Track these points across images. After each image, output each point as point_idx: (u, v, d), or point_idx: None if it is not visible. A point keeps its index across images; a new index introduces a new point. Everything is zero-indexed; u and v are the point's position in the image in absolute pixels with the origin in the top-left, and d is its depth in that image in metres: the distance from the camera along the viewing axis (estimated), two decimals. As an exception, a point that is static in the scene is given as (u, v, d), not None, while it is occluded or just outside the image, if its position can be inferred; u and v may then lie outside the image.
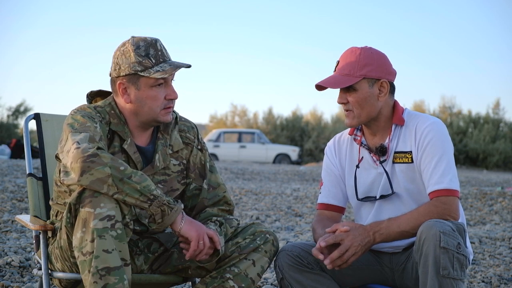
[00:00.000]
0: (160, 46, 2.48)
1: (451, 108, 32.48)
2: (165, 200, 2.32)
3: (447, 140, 2.54)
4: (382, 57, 2.57)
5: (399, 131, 2.60)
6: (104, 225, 2.23)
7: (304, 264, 2.57)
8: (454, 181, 2.49)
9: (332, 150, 2.75)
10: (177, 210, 2.35)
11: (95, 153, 2.25)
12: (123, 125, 2.52)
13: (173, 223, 2.36)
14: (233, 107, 34.25)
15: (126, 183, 2.26)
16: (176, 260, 2.59)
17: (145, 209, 2.30)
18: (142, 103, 2.48)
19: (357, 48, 2.58)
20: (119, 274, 2.24)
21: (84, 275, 2.25)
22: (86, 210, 2.24)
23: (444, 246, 2.30)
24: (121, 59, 2.47)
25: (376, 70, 2.55)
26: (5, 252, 4.39)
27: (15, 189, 8.04)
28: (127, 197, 2.27)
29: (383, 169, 2.60)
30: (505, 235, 6.00)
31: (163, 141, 2.59)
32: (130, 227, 2.33)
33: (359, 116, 2.56)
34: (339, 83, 2.53)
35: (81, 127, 2.37)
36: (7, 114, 30.52)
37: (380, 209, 2.62)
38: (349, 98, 2.55)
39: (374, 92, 2.55)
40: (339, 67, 2.57)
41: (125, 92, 2.49)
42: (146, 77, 2.45)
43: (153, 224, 2.35)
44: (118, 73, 2.48)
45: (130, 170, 2.28)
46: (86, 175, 2.23)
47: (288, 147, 24.54)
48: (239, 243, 2.54)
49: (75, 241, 2.27)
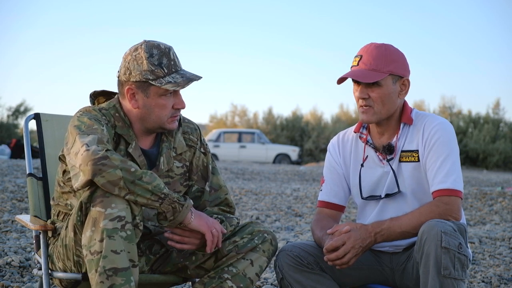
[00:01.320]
0: (173, 55, 2.47)
1: (451, 108, 32.50)
2: (175, 197, 2.33)
3: (454, 141, 2.54)
4: (404, 56, 2.59)
5: (407, 130, 2.60)
6: (114, 225, 2.23)
7: (304, 264, 2.57)
8: (458, 182, 2.48)
9: (336, 148, 2.74)
10: (188, 207, 2.36)
11: (105, 155, 2.25)
12: (128, 128, 2.52)
13: (184, 219, 2.37)
14: (233, 107, 34.27)
15: (138, 185, 2.26)
16: (174, 259, 2.59)
17: (156, 207, 2.31)
18: (150, 110, 2.48)
19: (381, 44, 2.57)
20: (126, 276, 2.24)
21: (91, 274, 2.25)
22: (97, 210, 2.25)
23: (445, 246, 2.30)
24: (132, 65, 2.45)
25: (401, 68, 2.55)
26: (5, 252, 4.39)
27: (15, 189, 8.04)
28: (139, 198, 2.27)
29: (389, 168, 2.59)
30: (505, 235, 6.00)
31: (167, 144, 2.59)
32: (140, 228, 2.33)
33: (380, 112, 2.55)
34: (366, 77, 2.50)
35: (88, 129, 2.37)
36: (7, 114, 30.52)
37: (383, 208, 2.62)
38: (372, 94, 2.53)
39: (396, 90, 2.55)
40: (364, 61, 2.54)
41: (133, 97, 2.48)
42: (157, 86, 2.44)
43: (164, 222, 2.36)
44: (128, 78, 2.46)
45: (141, 171, 2.28)
46: (97, 178, 2.23)
47: (288, 147, 24.54)
48: (237, 242, 2.54)
49: (84, 239, 2.27)
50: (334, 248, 2.44)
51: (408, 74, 2.58)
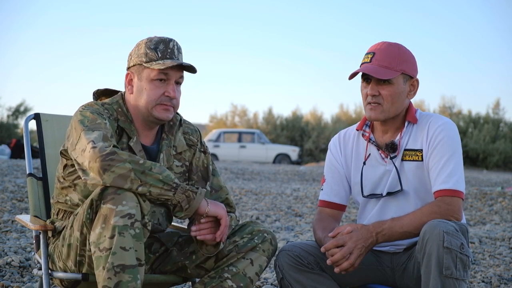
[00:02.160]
0: (173, 45, 2.49)
1: (451, 108, 32.49)
2: (187, 186, 2.34)
3: (458, 141, 2.54)
4: (414, 57, 2.61)
5: (411, 129, 2.61)
6: (125, 222, 2.23)
7: (304, 264, 2.56)
8: (461, 183, 2.49)
9: (337, 146, 2.74)
10: (202, 193, 2.37)
11: (113, 151, 2.27)
12: (129, 123, 2.53)
13: (200, 207, 2.37)
14: (233, 107, 34.27)
15: (148, 175, 2.27)
16: (175, 257, 2.59)
17: (170, 198, 2.31)
18: (141, 94, 2.49)
19: (394, 43, 2.59)
20: (133, 273, 2.23)
21: (98, 271, 2.25)
22: (108, 207, 2.24)
23: (447, 246, 2.29)
24: (134, 51, 2.52)
25: (412, 68, 2.58)
26: (5, 252, 4.39)
27: (15, 189, 8.04)
28: (152, 188, 2.28)
29: (392, 166, 2.59)
30: (505, 235, 6.00)
31: (167, 142, 2.59)
32: (148, 228, 2.33)
33: (388, 110, 2.56)
34: (380, 73, 2.51)
35: (92, 124, 2.38)
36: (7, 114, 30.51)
37: (384, 206, 2.62)
38: (382, 92, 2.54)
39: (406, 89, 2.57)
40: (377, 58, 2.54)
41: (130, 83, 2.52)
42: (148, 68, 2.46)
43: (180, 213, 2.35)
44: (129, 64, 2.52)
45: (149, 163, 2.29)
46: (107, 173, 2.24)
47: (288, 147, 24.54)
48: (237, 242, 2.54)
49: (93, 236, 2.26)
50: (335, 246, 2.43)
51: (417, 74, 2.61)
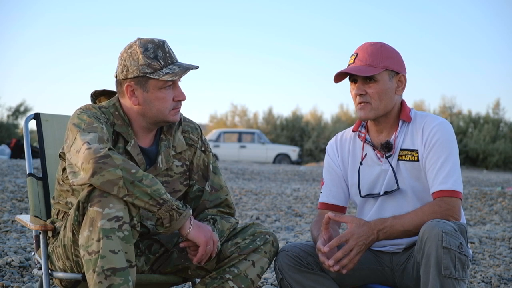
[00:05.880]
0: (168, 48, 2.47)
1: (451, 108, 32.51)
2: (174, 204, 2.32)
3: (453, 141, 2.55)
4: (399, 54, 2.62)
5: (405, 128, 2.61)
6: (112, 225, 2.23)
7: (304, 265, 2.56)
8: (458, 183, 2.49)
9: (334, 148, 2.75)
10: (186, 216, 2.35)
11: (107, 154, 2.25)
12: (126, 127, 2.51)
13: (181, 228, 2.37)
14: (233, 107, 34.28)
15: (137, 186, 2.26)
16: (175, 260, 2.59)
17: (154, 212, 2.31)
18: (151, 105, 2.47)
19: (376, 42, 2.61)
20: (124, 275, 2.23)
21: (88, 274, 2.25)
22: (94, 210, 2.24)
23: (446, 246, 2.30)
24: (129, 61, 2.45)
25: (396, 64, 2.58)
26: (5, 252, 4.39)
27: (15, 189, 8.04)
28: (137, 200, 2.27)
29: (388, 165, 2.60)
30: (505, 235, 6.00)
31: (166, 142, 2.59)
32: (137, 229, 2.32)
33: (377, 108, 2.57)
34: (362, 71, 2.54)
35: (89, 127, 2.36)
36: (7, 114, 30.52)
37: (382, 205, 2.62)
38: (369, 90, 2.56)
39: (393, 86, 2.58)
40: (360, 57, 2.57)
41: (133, 94, 2.48)
42: (155, 79, 2.44)
43: (160, 228, 2.35)
44: (126, 75, 2.46)
45: (141, 173, 2.28)
46: (97, 176, 2.23)
47: (288, 147, 24.53)
48: (239, 244, 2.54)
49: (81, 239, 2.26)
50: (338, 244, 2.43)
51: (404, 71, 2.61)
